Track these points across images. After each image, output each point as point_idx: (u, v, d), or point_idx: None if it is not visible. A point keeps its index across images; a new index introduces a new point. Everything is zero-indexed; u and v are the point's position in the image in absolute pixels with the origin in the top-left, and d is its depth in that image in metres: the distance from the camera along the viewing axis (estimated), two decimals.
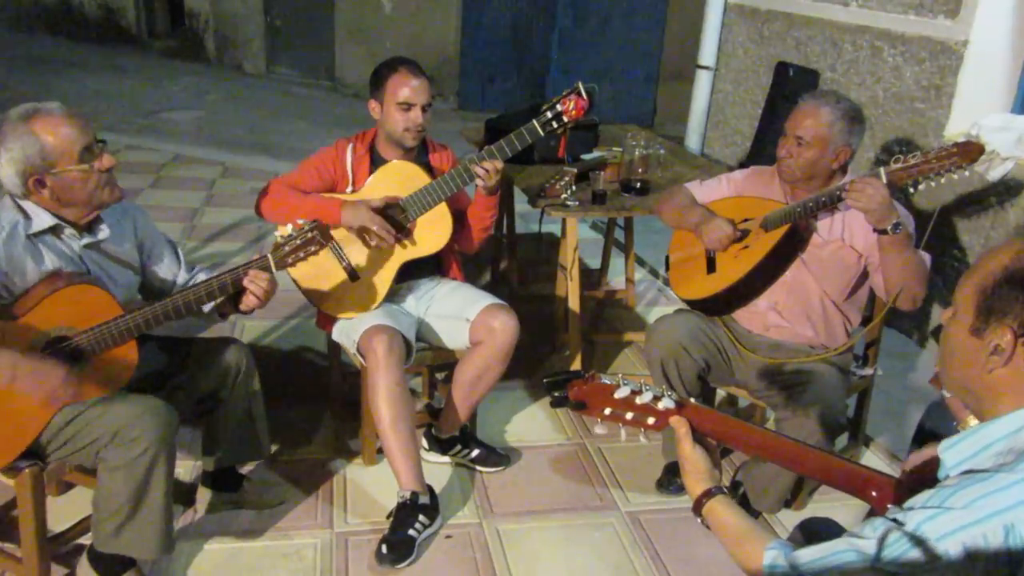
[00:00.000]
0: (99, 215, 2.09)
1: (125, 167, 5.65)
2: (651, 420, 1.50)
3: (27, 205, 1.98)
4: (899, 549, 1.14)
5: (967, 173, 2.18)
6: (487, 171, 2.50)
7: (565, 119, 2.46)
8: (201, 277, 2.29)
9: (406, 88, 2.53)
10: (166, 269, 2.30)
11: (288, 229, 2.11)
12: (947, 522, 1.11)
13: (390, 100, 2.55)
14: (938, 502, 1.13)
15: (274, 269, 2.11)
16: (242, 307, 2.16)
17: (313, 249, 2.11)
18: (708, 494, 1.45)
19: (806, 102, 2.40)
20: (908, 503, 1.19)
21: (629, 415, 1.49)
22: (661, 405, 1.48)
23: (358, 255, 2.56)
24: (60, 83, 8.13)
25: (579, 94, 2.44)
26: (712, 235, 2.50)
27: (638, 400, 1.48)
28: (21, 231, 1.96)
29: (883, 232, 2.23)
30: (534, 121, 2.48)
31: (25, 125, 1.90)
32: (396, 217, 2.57)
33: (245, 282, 2.09)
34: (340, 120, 7.50)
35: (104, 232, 2.10)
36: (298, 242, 2.10)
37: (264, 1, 9.35)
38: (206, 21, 9.97)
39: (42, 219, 1.98)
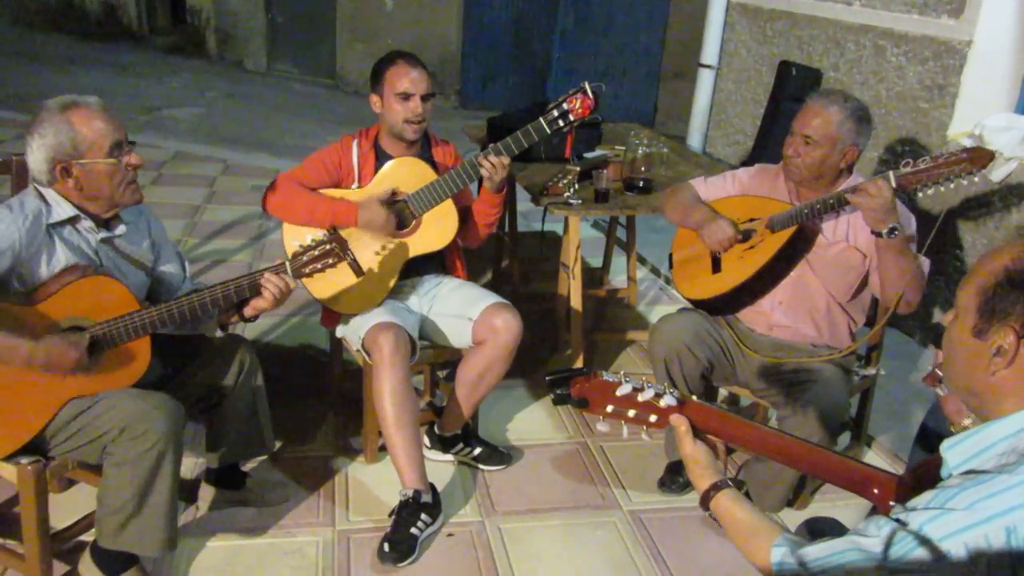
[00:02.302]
0: (118, 212, 2.11)
1: None
2: (653, 418, 1.50)
3: (49, 195, 2.01)
4: (904, 549, 1.15)
5: (976, 179, 2.19)
6: (494, 167, 2.50)
7: (572, 118, 2.47)
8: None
9: (405, 79, 2.54)
10: (171, 273, 2.31)
11: (307, 239, 2.16)
12: (949, 523, 1.11)
13: (389, 92, 2.55)
14: (940, 503, 1.14)
15: (291, 277, 2.15)
16: (247, 311, 2.18)
17: (331, 261, 2.15)
18: (715, 487, 1.46)
19: (814, 101, 2.39)
20: (911, 503, 1.19)
21: (631, 413, 1.50)
22: (663, 403, 1.48)
23: (363, 251, 2.55)
24: (61, 79, 8.13)
25: (586, 93, 2.44)
26: (714, 236, 2.50)
27: (640, 398, 1.48)
28: (43, 220, 1.98)
29: (878, 235, 2.24)
30: (541, 119, 2.48)
31: (62, 114, 1.95)
32: (402, 212, 2.57)
33: (262, 281, 2.11)
34: (341, 117, 7.51)
35: (121, 229, 2.13)
36: (316, 253, 2.14)
37: None
38: (207, 18, 9.97)
39: (63, 209, 2.01)
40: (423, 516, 2.39)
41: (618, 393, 1.48)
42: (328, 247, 2.13)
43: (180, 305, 2.04)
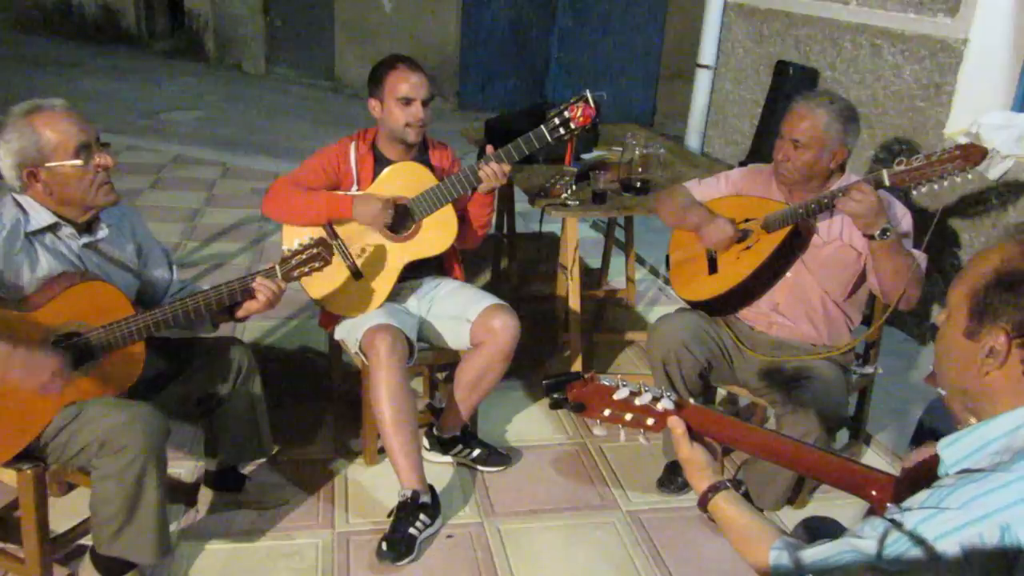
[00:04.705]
0: (98, 215, 2.10)
1: (125, 168, 5.66)
2: (650, 421, 1.50)
3: (26, 202, 2.00)
4: (899, 549, 1.15)
5: (970, 176, 2.19)
6: (495, 174, 2.51)
7: (573, 126, 2.49)
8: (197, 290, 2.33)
9: (405, 83, 2.54)
10: (159, 275, 2.31)
11: (295, 244, 2.18)
12: (943, 522, 1.11)
13: (390, 96, 2.55)
14: (935, 503, 1.14)
15: (281, 280, 2.17)
16: (239, 313, 2.19)
17: (318, 265, 2.18)
18: (713, 489, 1.46)
19: (800, 104, 2.39)
20: (906, 503, 1.19)
21: (628, 416, 1.50)
22: (660, 406, 1.49)
23: (362, 254, 2.56)
24: (60, 84, 8.13)
25: (587, 102, 2.46)
26: (714, 236, 2.51)
27: (637, 401, 1.49)
28: (21, 229, 1.97)
29: (871, 237, 2.24)
30: (543, 127, 2.50)
31: (25, 119, 1.95)
32: (403, 216, 2.58)
33: (254, 285, 2.12)
34: (340, 119, 7.51)
35: (103, 232, 2.12)
36: (303, 257, 2.17)
37: (264, 1, 9.35)
38: (206, 21, 9.97)
39: (41, 216, 2.00)
40: (422, 516, 2.39)
41: (615, 397, 1.48)
42: (315, 251, 2.16)
43: (175, 309, 2.05)
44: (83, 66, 9.19)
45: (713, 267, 2.59)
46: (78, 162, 1.97)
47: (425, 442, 2.80)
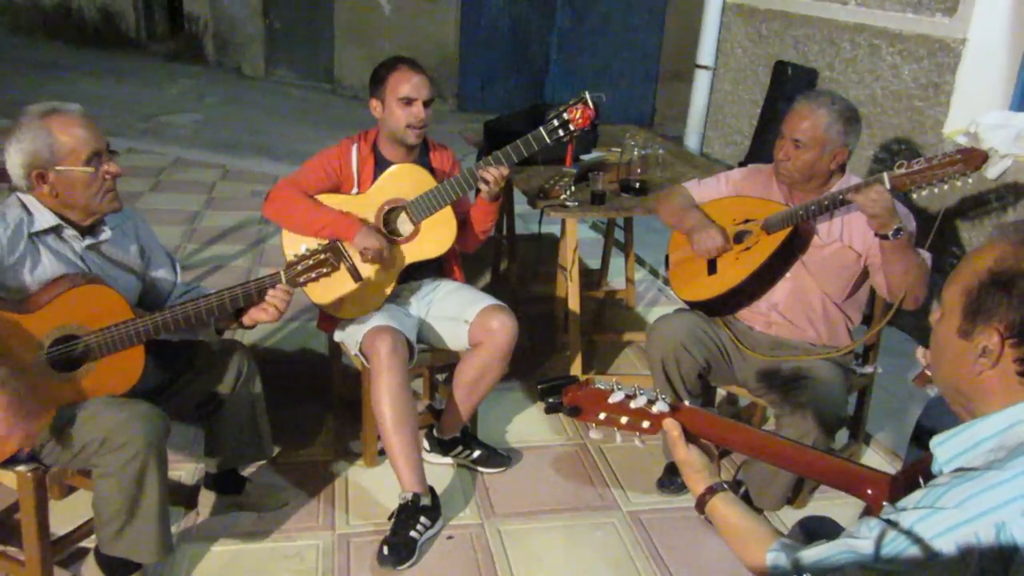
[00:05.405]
0: (101, 219, 2.11)
1: (125, 171, 5.63)
2: (646, 424, 1.50)
3: (31, 203, 2.01)
4: (896, 548, 1.15)
5: (970, 180, 2.19)
6: (493, 176, 2.52)
7: (572, 128, 2.49)
8: (202, 291, 2.32)
9: (407, 84, 2.55)
10: (163, 278, 2.31)
11: (302, 249, 2.18)
12: (939, 521, 1.12)
13: (391, 97, 2.56)
14: (930, 502, 1.14)
15: (286, 285, 2.16)
16: (246, 320, 2.19)
17: (325, 271, 2.17)
18: (710, 491, 1.46)
19: (801, 104, 2.39)
20: (901, 503, 1.19)
21: (624, 420, 1.50)
22: (655, 409, 1.49)
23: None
24: (59, 87, 8.14)
25: (586, 104, 2.46)
26: (703, 243, 2.51)
27: (632, 405, 1.49)
28: (25, 229, 1.99)
29: (884, 237, 2.25)
30: (541, 129, 2.50)
31: (41, 120, 1.96)
32: (400, 220, 2.58)
33: (267, 297, 2.13)
34: (339, 122, 7.51)
35: (106, 234, 2.13)
36: (310, 262, 2.16)
37: (263, 3, 9.37)
38: (205, 24, 9.99)
39: (45, 218, 2.01)
40: (422, 519, 2.39)
41: (610, 400, 1.49)
42: (323, 256, 2.15)
43: (175, 313, 2.05)
44: (82, 69, 9.19)
45: (712, 268, 2.59)
46: (89, 169, 1.99)
47: (425, 443, 2.81)
